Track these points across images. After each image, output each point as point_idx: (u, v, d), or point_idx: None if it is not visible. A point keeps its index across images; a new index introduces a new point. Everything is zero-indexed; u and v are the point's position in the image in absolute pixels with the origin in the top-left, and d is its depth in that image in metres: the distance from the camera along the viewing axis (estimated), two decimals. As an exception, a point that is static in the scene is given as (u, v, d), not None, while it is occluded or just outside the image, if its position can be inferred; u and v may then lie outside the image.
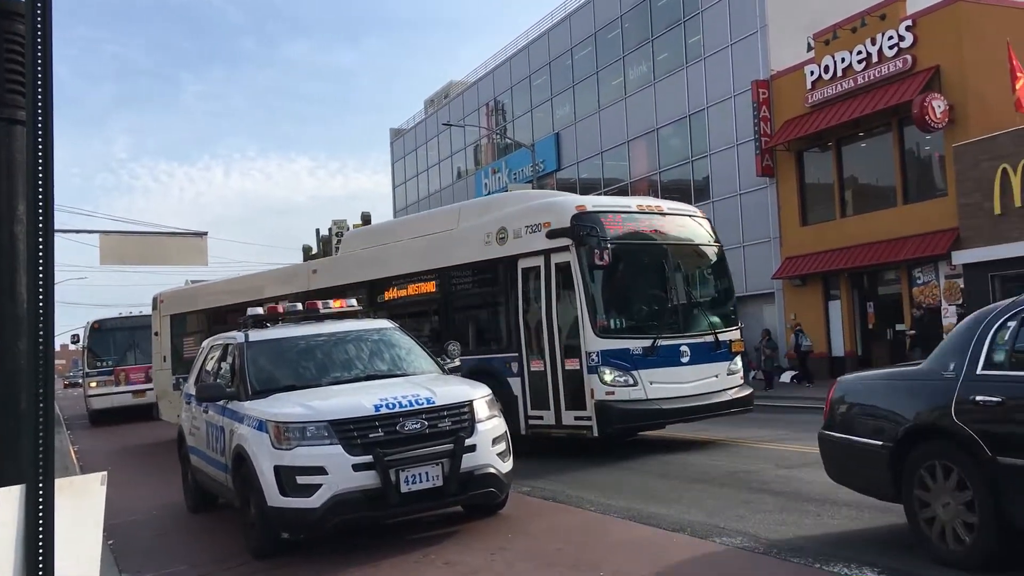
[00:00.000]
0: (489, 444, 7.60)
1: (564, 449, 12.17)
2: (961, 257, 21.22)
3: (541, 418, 11.83)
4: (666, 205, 13.13)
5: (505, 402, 11.40)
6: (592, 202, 12.18)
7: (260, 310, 9.91)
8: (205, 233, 23.99)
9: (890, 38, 23.18)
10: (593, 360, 11.10)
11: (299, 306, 9.91)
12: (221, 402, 8.39)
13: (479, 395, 7.81)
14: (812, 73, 25.38)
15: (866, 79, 23.76)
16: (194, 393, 9.46)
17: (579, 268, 11.25)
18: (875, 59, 23.58)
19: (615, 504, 8.55)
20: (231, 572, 7.28)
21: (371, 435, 7.11)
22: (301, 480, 6.96)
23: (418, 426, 7.24)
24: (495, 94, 44.36)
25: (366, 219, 62.82)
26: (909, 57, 22.68)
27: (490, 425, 7.72)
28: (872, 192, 25.04)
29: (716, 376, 11.95)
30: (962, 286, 21.57)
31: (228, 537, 8.42)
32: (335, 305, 9.94)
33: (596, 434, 11.05)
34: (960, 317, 20.86)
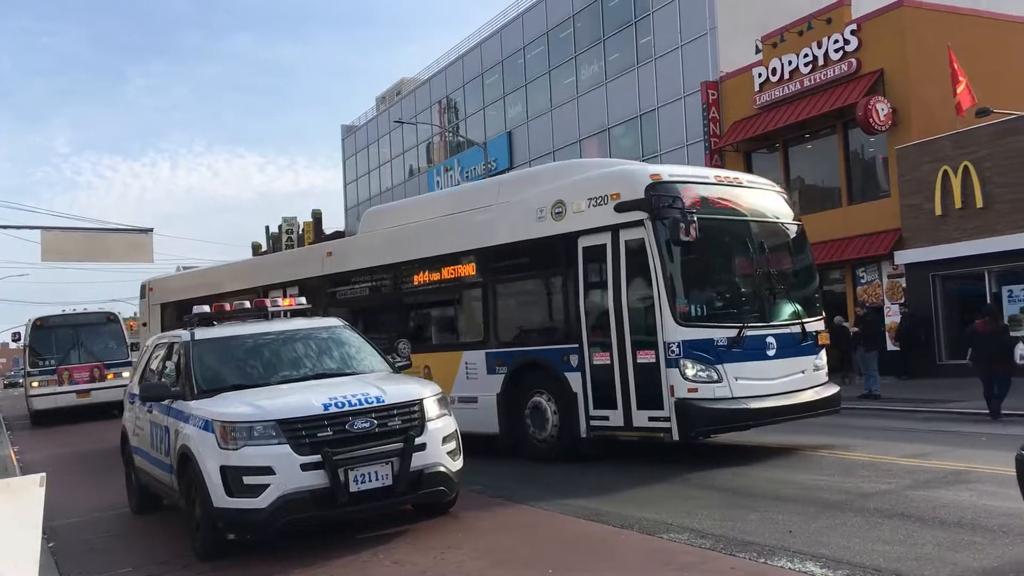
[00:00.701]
0: (439, 443, 7.58)
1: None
2: (903, 257, 21.70)
3: (606, 419, 10.41)
4: (744, 177, 11.70)
5: (561, 401, 10.80)
6: (667, 171, 10.63)
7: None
8: (150, 230, 23.62)
9: (835, 42, 23.60)
10: (673, 351, 9.72)
11: (247, 304, 9.79)
12: (166, 402, 8.25)
13: (429, 394, 7.79)
14: (760, 75, 25.74)
15: (812, 82, 24.17)
16: (137, 392, 9.29)
17: (656, 246, 9.88)
18: (821, 62, 23.99)
19: (570, 503, 8.57)
20: (175, 574, 7.17)
21: (320, 434, 7.05)
22: (248, 480, 6.87)
23: (368, 425, 7.20)
24: (447, 92, 44.26)
25: (317, 216, 62.35)
26: (854, 61, 23.11)
27: (440, 424, 7.70)
28: (818, 193, 25.49)
29: (803, 372, 10.62)
30: (904, 285, 22.07)
31: (173, 539, 8.29)
32: (284, 303, 9.83)
33: (676, 437, 9.76)
34: (903, 316, 21.38)
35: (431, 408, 7.66)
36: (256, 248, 68.62)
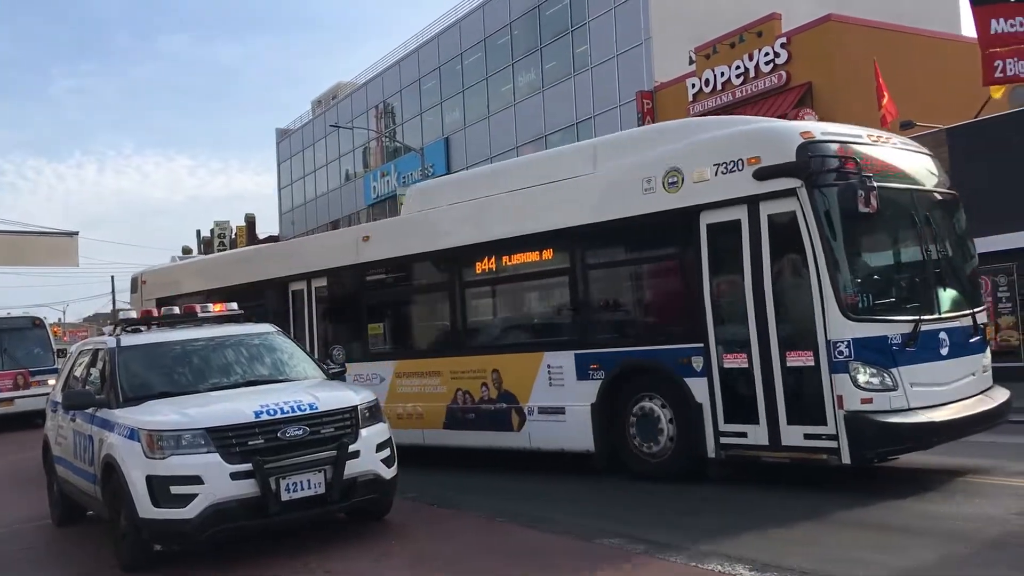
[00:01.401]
0: (373, 450, 7.51)
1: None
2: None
3: (744, 435, 8.47)
4: (894, 136, 9.76)
5: (680, 412, 8.92)
6: (818, 128, 8.76)
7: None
8: (76, 233, 22.98)
9: (766, 55, 24.16)
10: (841, 352, 7.81)
11: (176, 309, 9.59)
12: (90, 410, 8.02)
13: (363, 400, 7.72)
14: (693, 86, 26.21)
15: (744, 93, 24.69)
16: (60, 401, 9.02)
17: (815, 220, 7.95)
18: (752, 74, 24.53)
19: (505, 508, 8.56)
20: (99, 588, 6.97)
21: (251, 442, 6.93)
22: (175, 490, 6.72)
23: (300, 433, 7.10)
24: (384, 97, 44.04)
25: (250, 221, 61.39)
26: (784, 73, 23.68)
27: (374, 430, 7.64)
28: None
29: (974, 374, 8.76)
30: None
31: (97, 551, 8.04)
32: (215, 308, 9.66)
33: (847, 460, 7.78)
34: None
35: (365, 415, 7.59)
36: (187, 252, 67.33)
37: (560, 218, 10.19)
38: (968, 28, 29.49)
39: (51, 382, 23.18)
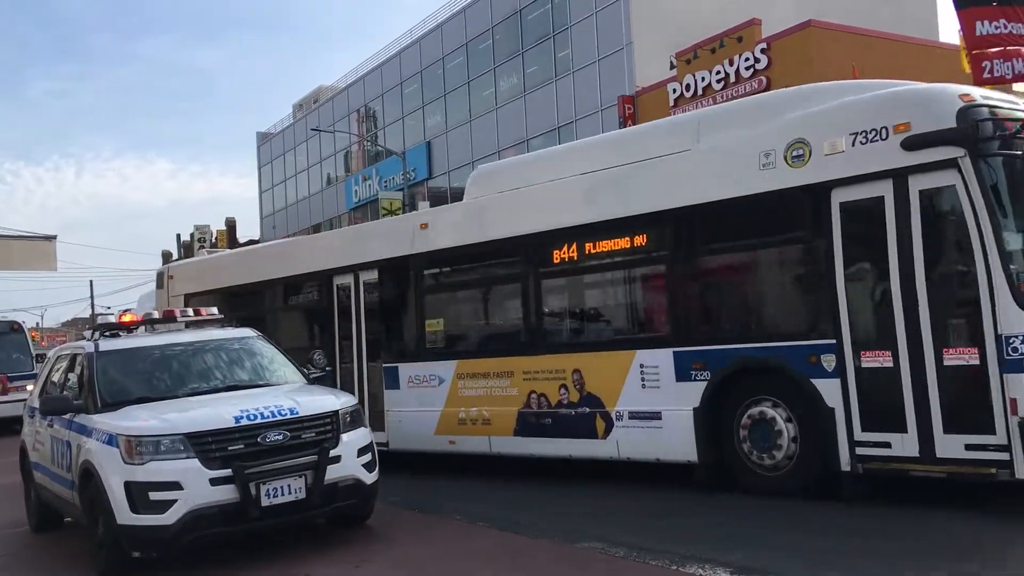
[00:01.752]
0: (354, 455, 7.50)
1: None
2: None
3: (887, 445, 7.44)
4: None
5: (805, 417, 7.90)
6: (978, 92, 7.82)
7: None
8: (54, 237, 22.79)
9: (747, 60, 24.30)
10: (1015, 349, 6.81)
11: (155, 314, 9.53)
12: (67, 416, 7.96)
13: (344, 405, 7.70)
14: (675, 91, 26.32)
15: (724, 98, 24.77)
16: (37, 406, 8.95)
17: (981, 196, 6.97)
18: (733, 79, 24.66)
19: (489, 513, 8.54)
20: (77, 595, 6.91)
21: (231, 448, 6.90)
22: (154, 496, 6.67)
23: (280, 438, 7.07)
24: (366, 100, 43.97)
25: (231, 224, 61.02)
26: (764, 78, 23.82)
27: (356, 435, 7.62)
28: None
29: None
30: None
31: (75, 557, 7.98)
32: (203, 313, 9.61)
33: (1020, 474, 6.84)
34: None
35: (346, 420, 7.57)
36: (167, 257, 66.84)
37: (656, 200, 9.04)
38: (946, 34, 29.83)
39: (30, 388, 22.94)
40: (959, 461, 7.05)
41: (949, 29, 26.60)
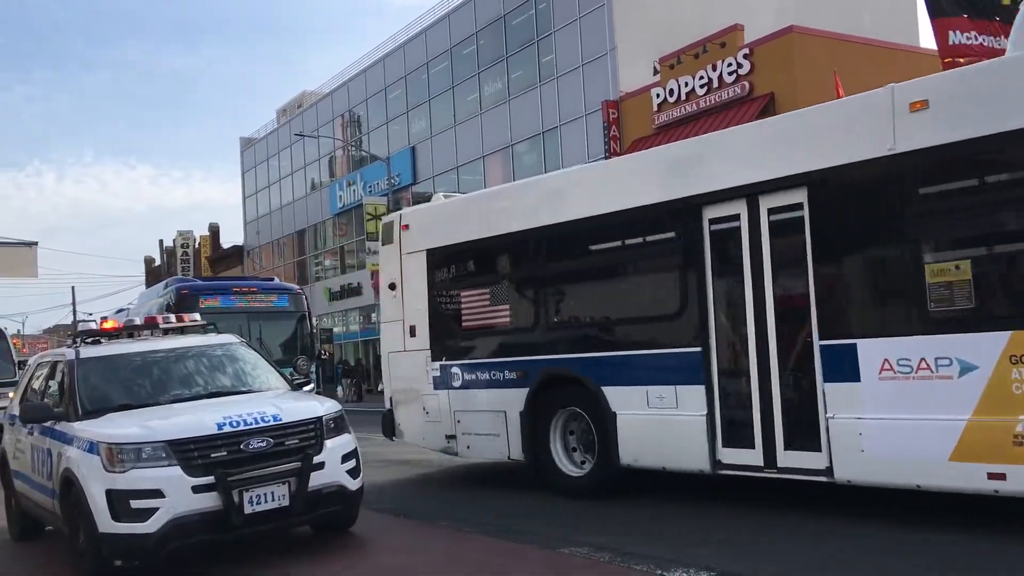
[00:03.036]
0: (338, 461, 7.46)
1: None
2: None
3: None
4: None
5: None
6: None
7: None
8: (35, 243, 22.61)
9: (729, 65, 24.42)
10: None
11: (137, 321, 9.46)
12: (48, 423, 7.89)
13: (327, 411, 7.66)
14: (658, 96, 26.41)
15: (708, 103, 24.92)
16: (18, 413, 8.86)
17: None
18: (716, 84, 24.77)
19: (478, 519, 8.53)
20: (57, 604, 6.84)
21: (213, 455, 6.85)
22: (135, 504, 6.62)
23: (264, 444, 7.03)
24: (350, 105, 43.89)
25: (214, 230, 60.78)
26: (747, 83, 23.94)
27: (340, 441, 7.58)
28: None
29: None
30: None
31: (56, 566, 7.90)
32: (186, 319, 9.54)
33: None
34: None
35: (330, 426, 7.53)
36: (149, 263, 66.39)
37: None
38: (927, 40, 30.05)
39: (11, 395, 22.66)
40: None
41: (930, 35, 26.84)
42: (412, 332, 10.95)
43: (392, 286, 11.32)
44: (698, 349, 8.11)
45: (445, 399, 10.50)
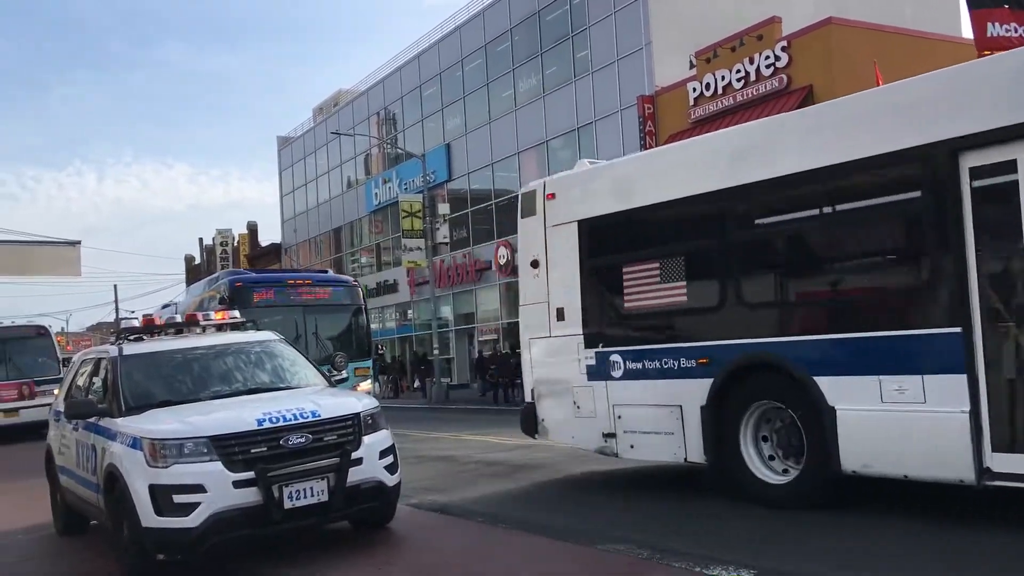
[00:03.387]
0: (376, 457, 7.49)
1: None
2: None
3: None
4: None
5: None
6: None
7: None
8: (78, 242, 22.99)
9: (767, 58, 24.15)
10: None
11: (177, 318, 9.58)
12: (92, 419, 8.02)
13: (365, 407, 7.70)
14: (694, 90, 26.20)
15: (745, 97, 24.67)
16: (63, 410, 9.02)
17: None
18: (753, 78, 24.51)
19: (511, 515, 8.53)
20: (102, 597, 6.95)
21: (253, 451, 6.91)
22: (178, 499, 6.70)
23: (303, 440, 7.08)
24: (385, 103, 44.08)
25: (252, 228, 61.47)
26: (784, 76, 23.66)
27: (377, 437, 7.61)
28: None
29: None
30: None
31: (100, 560, 8.04)
32: (216, 317, 9.64)
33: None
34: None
35: (368, 422, 7.57)
36: (189, 261, 67.28)
37: None
38: (968, 30, 29.48)
39: (56, 392, 23.00)
40: None
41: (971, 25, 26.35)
42: (560, 315, 9.63)
43: (535, 263, 9.98)
44: (957, 329, 6.51)
45: (602, 391, 9.15)
